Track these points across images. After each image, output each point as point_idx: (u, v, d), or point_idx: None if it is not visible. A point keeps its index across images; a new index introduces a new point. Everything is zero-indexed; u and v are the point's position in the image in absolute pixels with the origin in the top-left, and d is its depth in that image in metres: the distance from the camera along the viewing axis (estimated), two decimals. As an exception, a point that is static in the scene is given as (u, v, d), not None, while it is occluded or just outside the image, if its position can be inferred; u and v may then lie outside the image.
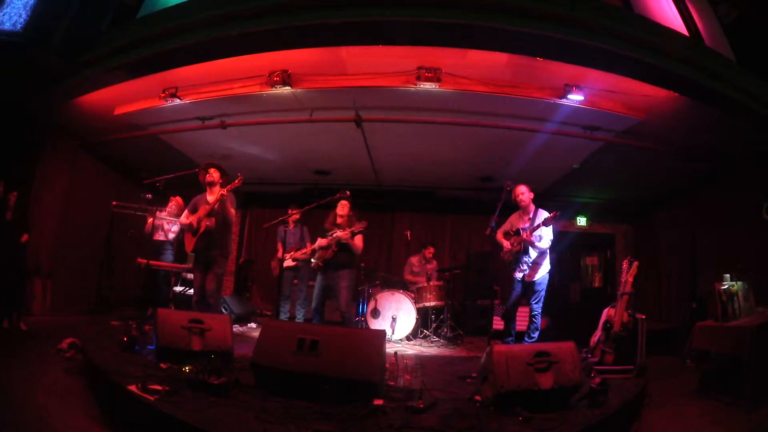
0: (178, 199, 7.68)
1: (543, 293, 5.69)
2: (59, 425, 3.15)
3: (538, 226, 5.48)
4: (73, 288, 8.38)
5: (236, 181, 5.42)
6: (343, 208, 6.23)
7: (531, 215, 5.74)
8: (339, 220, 6.21)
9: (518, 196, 5.78)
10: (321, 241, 6.12)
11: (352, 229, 5.97)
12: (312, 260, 6.36)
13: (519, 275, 5.71)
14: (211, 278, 5.42)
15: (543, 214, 5.58)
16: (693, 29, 6.32)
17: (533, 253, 5.60)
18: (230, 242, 5.85)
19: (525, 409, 3.19)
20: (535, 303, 5.65)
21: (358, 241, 6.10)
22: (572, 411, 3.36)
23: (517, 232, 5.70)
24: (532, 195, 5.83)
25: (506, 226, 5.95)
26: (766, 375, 4.01)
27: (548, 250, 5.70)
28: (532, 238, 5.52)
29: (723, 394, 4.23)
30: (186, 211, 5.71)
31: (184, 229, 5.69)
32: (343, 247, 6.03)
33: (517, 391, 3.30)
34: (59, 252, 8.08)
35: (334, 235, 6.01)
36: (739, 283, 4.82)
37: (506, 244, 5.80)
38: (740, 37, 6.83)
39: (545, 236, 5.59)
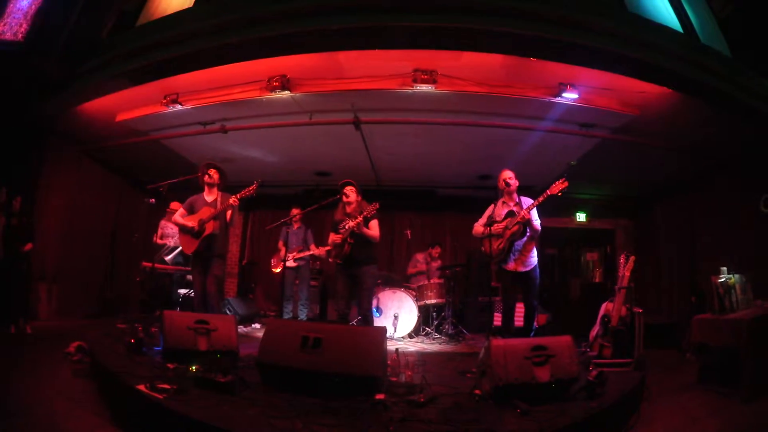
0: (177, 204, 7.53)
1: (538, 284, 5.31)
2: (69, 425, 3.20)
3: (545, 196, 4.89)
4: (78, 292, 8.48)
5: (251, 188, 5.35)
6: (350, 194, 5.59)
7: (517, 201, 5.27)
8: (348, 209, 5.58)
9: (507, 180, 5.29)
10: (334, 238, 5.50)
11: (364, 214, 5.31)
12: (329, 259, 5.88)
13: (512, 266, 5.19)
14: (211, 281, 5.38)
15: (528, 201, 5.14)
16: (687, 25, 6.36)
17: (525, 239, 5.14)
18: (228, 244, 5.85)
19: (523, 402, 3.24)
20: (533, 297, 5.26)
21: (374, 228, 5.47)
22: (570, 403, 3.41)
23: (510, 214, 5.18)
24: (518, 183, 5.36)
25: (485, 220, 5.34)
26: (762, 366, 4.06)
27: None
28: (530, 215, 5.01)
29: (721, 387, 4.26)
30: (181, 210, 5.59)
31: (181, 231, 5.57)
32: (358, 238, 5.37)
33: (515, 385, 3.36)
34: (64, 256, 8.17)
35: (347, 227, 5.38)
36: (737, 275, 4.84)
37: (498, 226, 5.21)
38: (735, 31, 6.87)
39: (536, 218, 5.13)
